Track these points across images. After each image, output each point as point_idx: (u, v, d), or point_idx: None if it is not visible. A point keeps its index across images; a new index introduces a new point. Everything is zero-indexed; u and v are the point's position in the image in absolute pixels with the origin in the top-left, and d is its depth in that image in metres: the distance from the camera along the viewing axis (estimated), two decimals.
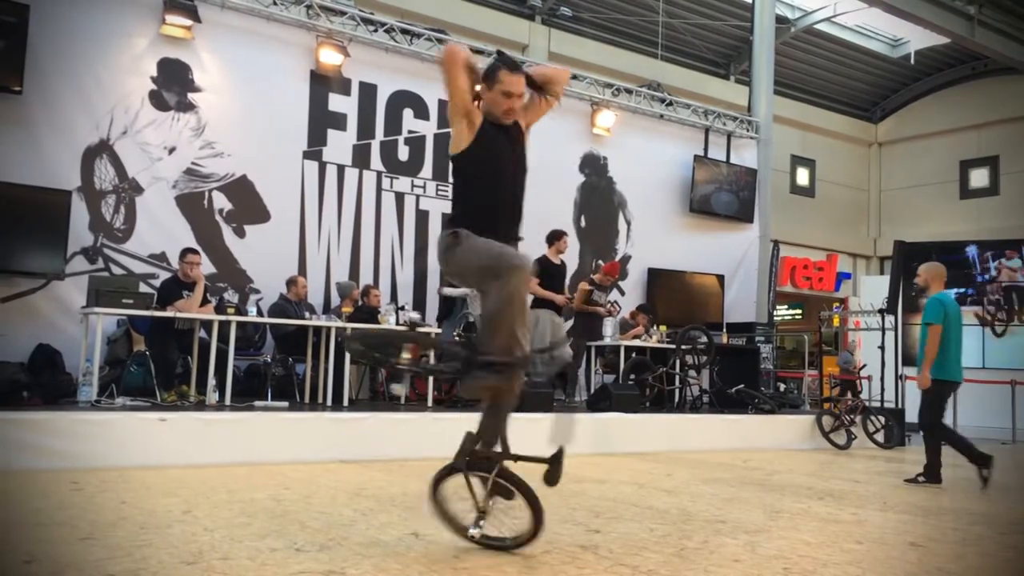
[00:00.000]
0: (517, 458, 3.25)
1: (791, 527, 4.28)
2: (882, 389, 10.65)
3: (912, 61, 17.06)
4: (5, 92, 7.76)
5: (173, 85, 8.83)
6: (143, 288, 7.97)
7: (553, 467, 3.17)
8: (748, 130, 13.18)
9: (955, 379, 6.58)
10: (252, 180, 9.21)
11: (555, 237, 8.84)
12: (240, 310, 7.97)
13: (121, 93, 8.53)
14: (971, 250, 14.29)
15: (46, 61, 8.07)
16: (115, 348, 7.88)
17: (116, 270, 8.39)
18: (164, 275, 8.21)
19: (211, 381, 7.11)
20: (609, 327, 9.72)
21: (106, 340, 7.66)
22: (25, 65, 7.78)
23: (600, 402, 8.57)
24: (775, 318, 14.54)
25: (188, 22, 8.73)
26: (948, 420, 11.46)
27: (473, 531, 3.31)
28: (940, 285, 6.82)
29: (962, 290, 14.01)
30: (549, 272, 8.57)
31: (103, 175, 8.41)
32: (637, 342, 9.78)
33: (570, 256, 11.49)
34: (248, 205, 9.19)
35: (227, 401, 7.16)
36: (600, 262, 11.20)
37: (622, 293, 11.93)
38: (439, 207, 10.38)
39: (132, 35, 8.64)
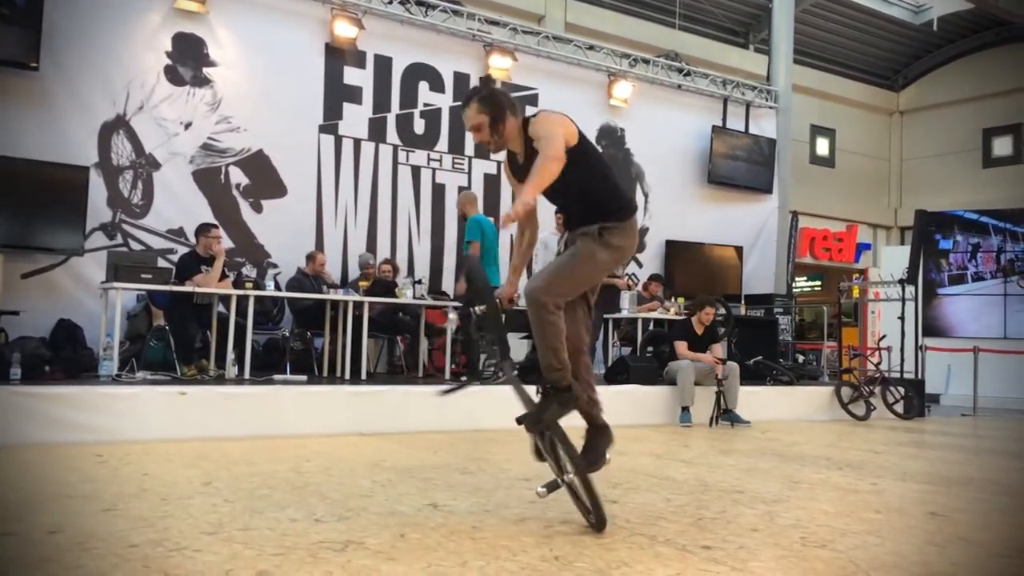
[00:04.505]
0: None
1: (810, 497, 4.28)
2: (902, 360, 10.57)
3: (935, 27, 16.71)
4: (22, 68, 7.77)
5: (188, 60, 8.82)
6: (161, 263, 8.02)
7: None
8: (767, 100, 13.03)
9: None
10: (268, 155, 9.21)
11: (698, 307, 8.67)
12: (258, 284, 8.00)
13: (137, 68, 8.53)
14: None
15: (62, 37, 8.07)
16: (135, 323, 7.94)
17: (135, 245, 8.43)
18: (182, 250, 8.24)
19: (230, 355, 7.16)
20: (626, 300, 9.68)
21: (126, 315, 7.74)
22: (41, 41, 7.78)
23: (618, 375, 8.57)
24: (794, 289, 14.44)
25: None
26: (967, 390, 11.45)
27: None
28: (475, 208, 7.78)
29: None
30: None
31: (120, 151, 8.43)
32: (655, 314, 9.75)
33: None
34: (265, 180, 9.20)
35: (246, 375, 7.21)
36: None
37: (640, 265, 11.87)
38: (455, 180, 10.35)
39: (146, 10, 8.63)
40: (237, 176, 9.05)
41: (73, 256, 8.01)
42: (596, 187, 3.38)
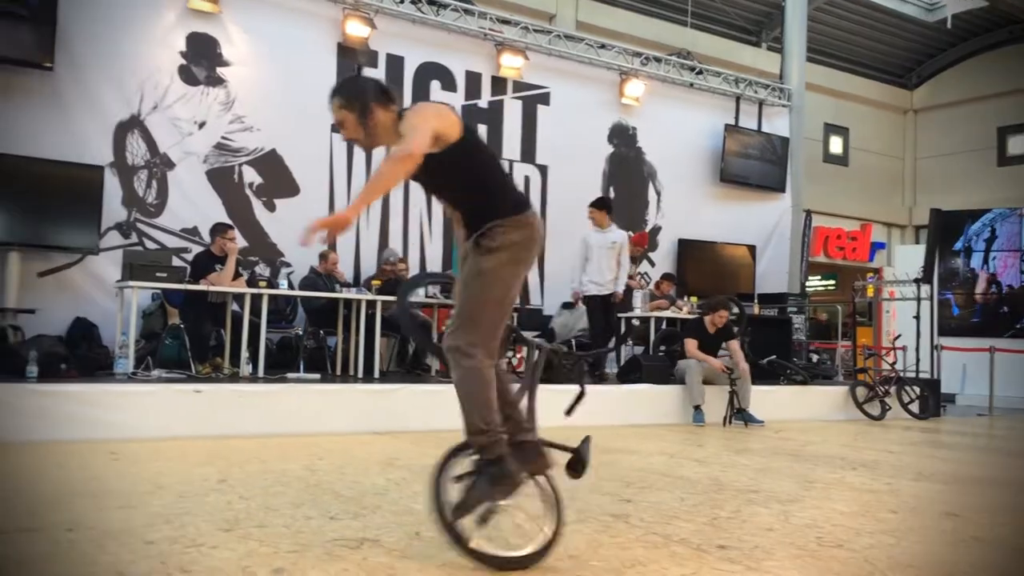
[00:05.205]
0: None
1: (824, 497, 4.26)
2: (917, 359, 10.51)
3: (949, 25, 16.60)
4: (37, 68, 7.82)
5: (202, 59, 8.86)
6: (176, 262, 8.06)
7: (578, 455, 2.94)
8: (780, 98, 12.97)
9: None
10: (281, 154, 9.24)
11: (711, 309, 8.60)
12: (271, 283, 8.03)
13: (151, 68, 8.57)
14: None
15: (76, 37, 8.11)
16: (150, 321, 7.98)
17: (150, 244, 8.48)
18: (196, 249, 8.28)
19: (244, 353, 7.18)
20: (638, 299, 9.67)
21: (141, 313, 7.75)
22: (56, 41, 7.84)
23: (630, 373, 8.56)
24: (808, 289, 14.38)
25: None
26: (983, 390, 11.38)
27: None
28: None
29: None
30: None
31: (135, 150, 8.48)
32: (667, 313, 9.73)
33: None
34: (278, 179, 9.23)
35: (260, 373, 7.24)
36: (629, 233, 11.10)
37: (652, 264, 11.86)
38: None
39: (160, 9, 8.67)
40: (250, 175, 9.08)
41: (88, 255, 8.06)
42: (480, 186, 2.93)
